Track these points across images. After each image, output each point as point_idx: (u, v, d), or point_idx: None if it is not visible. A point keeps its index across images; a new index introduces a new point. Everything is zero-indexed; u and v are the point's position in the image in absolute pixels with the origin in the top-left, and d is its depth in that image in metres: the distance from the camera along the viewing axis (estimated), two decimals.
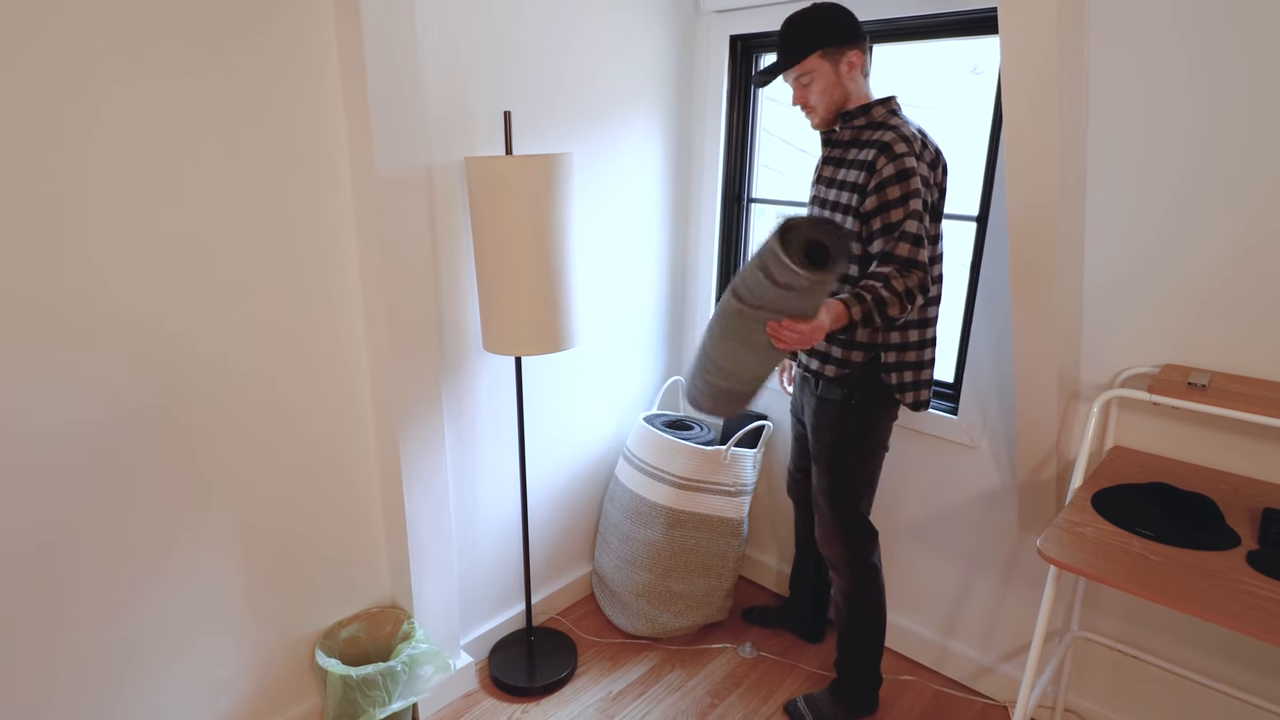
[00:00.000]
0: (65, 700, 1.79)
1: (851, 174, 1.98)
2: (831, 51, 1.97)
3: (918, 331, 2.08)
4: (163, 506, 1.84)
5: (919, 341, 2.09)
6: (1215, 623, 1.41)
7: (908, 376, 2.10)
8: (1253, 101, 1.72)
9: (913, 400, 2.11)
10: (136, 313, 1.71)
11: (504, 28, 2.20)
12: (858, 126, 2.02)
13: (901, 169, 1.87)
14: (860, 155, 1.97)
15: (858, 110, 2.01)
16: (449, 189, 2.18)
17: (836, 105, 2.03)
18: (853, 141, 2.02)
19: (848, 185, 1.99)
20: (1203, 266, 1.87)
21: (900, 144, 1.89)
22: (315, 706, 2.27)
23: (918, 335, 2.08)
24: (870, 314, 1.86)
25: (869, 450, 2.18)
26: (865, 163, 1.94)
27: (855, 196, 1.96)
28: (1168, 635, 2.12)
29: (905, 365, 2.09)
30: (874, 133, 1.97)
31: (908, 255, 1.88)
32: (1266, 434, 1.86)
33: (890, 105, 2.01)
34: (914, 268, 1.88)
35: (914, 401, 2.12)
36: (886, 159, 1.89)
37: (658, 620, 2.73)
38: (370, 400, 2.19)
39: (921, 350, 2.10)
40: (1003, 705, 2.49)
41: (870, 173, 1.92)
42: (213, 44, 1.70)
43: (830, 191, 2.06)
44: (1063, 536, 1.64)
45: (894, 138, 1.91)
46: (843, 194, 2.00)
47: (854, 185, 1.97)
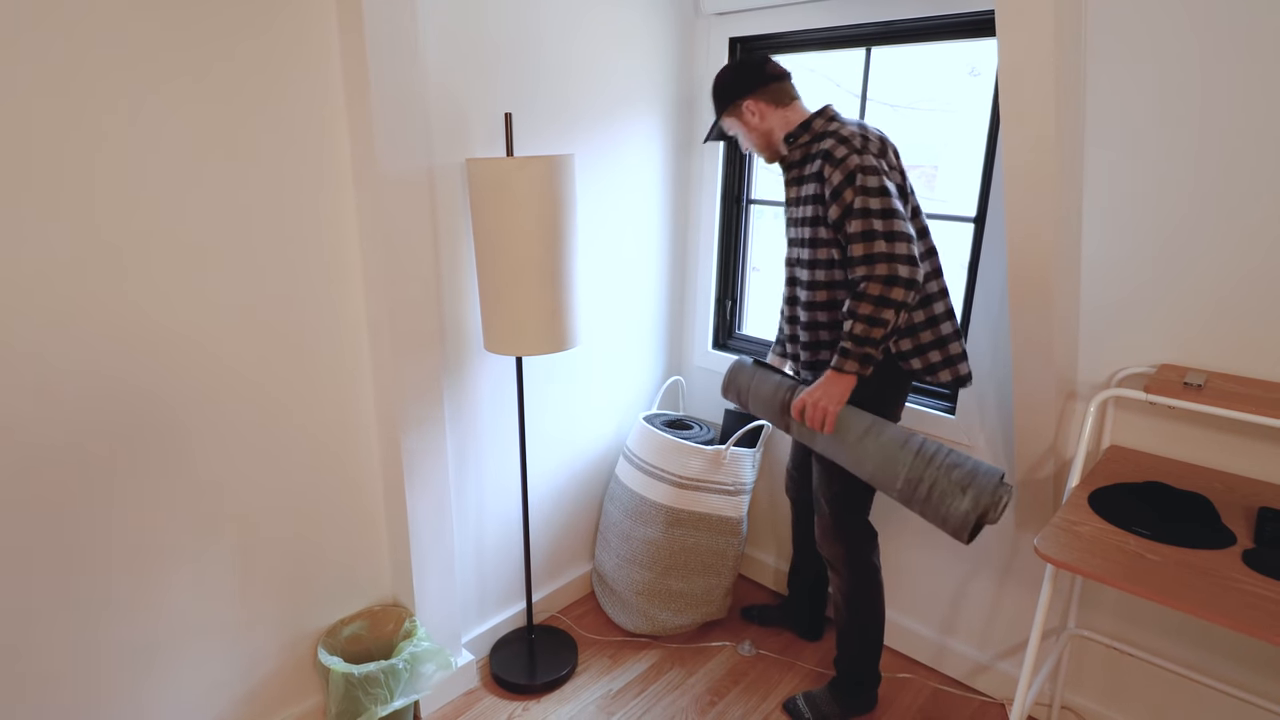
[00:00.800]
0: (68, 699, 1.79)
1: (808, 188, 2.07)
2: (730, 109, 2.18)
3: (923, 311, 2.08)
4: (166, 506, 1.85)
5: (927, 321, 2.08)
6: (1211, 621, 1.41)
7: (935, 357, 2.10)
8: (1252, 103, 1.73)
9: (951, 377, 2.11)
10: (138, 312, 1.71)
11: (505, 30, 2.21)
12: (803, 144, 2.12)
13: (847, 171, 1.94)
14: (811, 169, 2.06)
15: (798, 129, 2.11)
16: (450, 190, 2.19)
17: (764, 144, 2.19)
18: (804, 159, 2.11)
19: (808, 200, 2.07)
20: (1200, 268, 1.87)
21: (840, 147, 1.97)
22: (318, 704, 2.28)
23: (923, 315, 2.08)
24: (865, 353, 1.95)
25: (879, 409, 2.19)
26: (815, 174, 2.03)
27: (815, 208, 2.05)
28: (1164, 633, 2.13)
29: (926, 347, 2.09)
30: (818, 144, 2.06)
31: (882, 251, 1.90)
32: (1262, 433, 1.87)
33: (826, 114, 2.10)
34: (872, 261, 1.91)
35: (954, 379, 2.12)
36: (831, 166, 1.97)
37: (658, 618, 2.74)
38: (372, 400, 2.20)
39: (935, 327, 2.09)
40: (1000, 702, 2.50)
41: (821, 182, 2.01)
42: (217, 44, 1.70)
43: (796, 210, 2.14)
44: (1060, 535, 1.64)
45: (833, 143, 1.99)
46: (805, 209, 2.09)
47: (812, 197, 2.05)
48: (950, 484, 1.87)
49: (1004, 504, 1.87)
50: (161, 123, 1.66)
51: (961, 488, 1.86)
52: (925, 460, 1.92)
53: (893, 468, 1.94)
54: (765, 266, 3.06)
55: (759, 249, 3.01)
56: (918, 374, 2.12)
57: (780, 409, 2.15)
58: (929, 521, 1.96)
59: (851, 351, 1.95)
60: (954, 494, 1.86)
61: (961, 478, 1.87)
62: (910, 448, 1.94)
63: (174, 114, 1.68)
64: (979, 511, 1.84)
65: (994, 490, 1.85)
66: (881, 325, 1.91)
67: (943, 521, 1.89)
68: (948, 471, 1.89)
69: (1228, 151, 1.78)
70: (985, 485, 1.85)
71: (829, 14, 2.42)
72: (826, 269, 2.08)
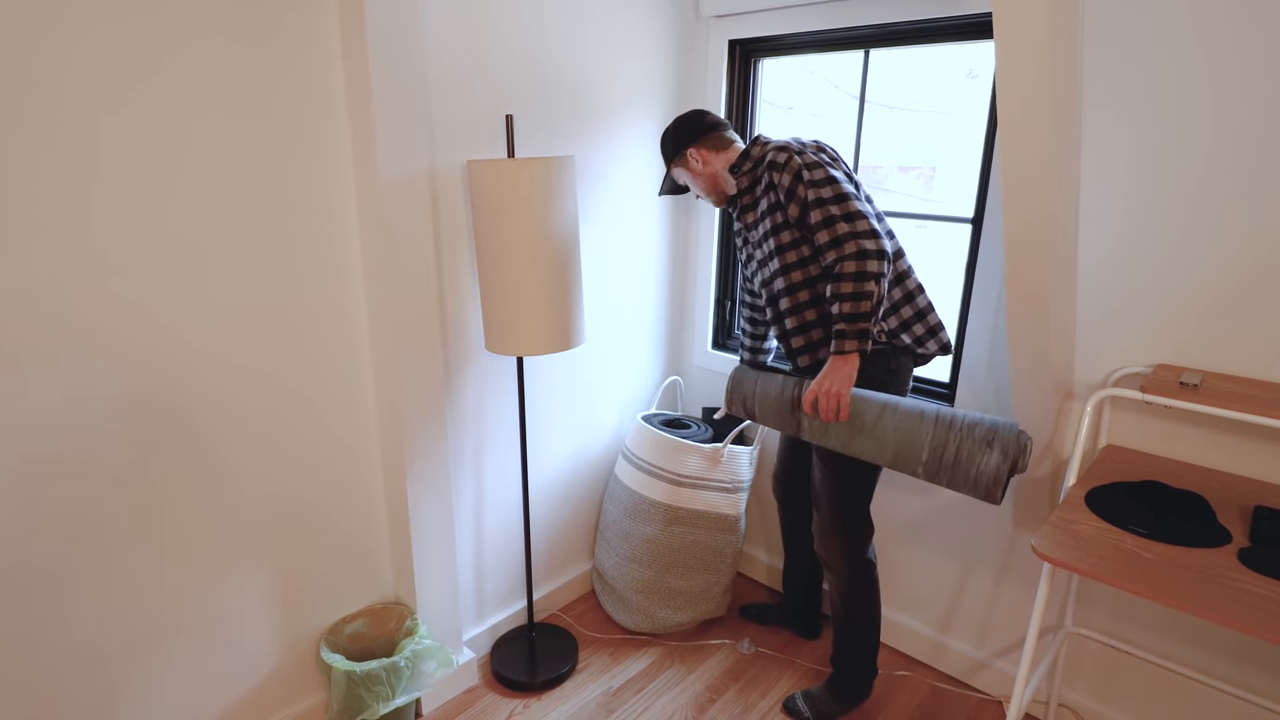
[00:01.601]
0: (71, 697, 1.80)
1: (764, 202, 2.16)
2: (677, 159, 2.32)
3: (899, 289, 2.15)
4: (168, 505, 1.86)
5: (904, 297, 2.15)
6: (1207, 619, 1.41)
7: (919, 329, 2.15)
8: (1249, 105, 1.74)
9: (938, 347, 2.17)
10: (141, 312, 1.72)
11: (507, 32, 2.21)
12: (747, 170, 2.23)
13: (794, 171, 2.05)
14: (761, 189, 2.18)
15: (739, 160, 2.24)
16: (451, 191, 2.20)
17: (711, 188, 2.31)
18: (751, 185, 2.23)
19: (765, 213, 2.16)
20: (1196, 269, 1.88)
21: (780, 153, 2.09)
22: (320, 702, 2.29)
23: (900, 291, 2.15)
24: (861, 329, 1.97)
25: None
26: (768, 185, 2.14)
27: (773, 217, 2.13)
28: (1160, 631, 2.14)
29: (909, 322, 2.15)
30: (759, 167, 2.19)
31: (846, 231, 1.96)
32: (1257, 433, 1.88)
33: (759, 141, 2.22)
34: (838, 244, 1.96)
35: (940, 347, 2.17)
36: (777, 171, 2.09)
37: (657, 616, 2.75)
38: (374, 399, 2.21)
39: (912, 301, 2.16)
40: (998, 700, 2.51)
41: (775, 190, 2.11)
42: (220, 47, 1.71)
43: (754, 232, 2.24)
44: (1057, 534, 1.65)
45: (774, 153, 2.11)
46: (765, 221, 2.17)
47: (770, 207, 2.14)
48: (975, 441, 1.89)
49: (1029, 451, 1.90)
50: (165, 124, 1.67)
51: (987, 442, 1.88)
52: (946, 425, 1.93)
53: (916, 440, 1.95)
54: None
55: None
56: (909, 350, 2.16)
57: (790, 406, 2.15)
58: (957, 489, 1.94)
59: (847, 331, 1.97)
60: (981, 451, 1.88)
61: (985, 434, 1.89)
62: (929, 417, 1.96)
63: (178, 117, 1.69)
64: (1009, 462, 1.85)
65: (1018, 438, 1.88)
66: (867, 298, 1.94)
67: (974, 483, 1.89)
68: (969, 430, 1.91)
69: (1225, 153, 1.79)
70: (1008, 436, 1.88)
71: (828, 16, 2.43)
72: (801, 268, 2.12)
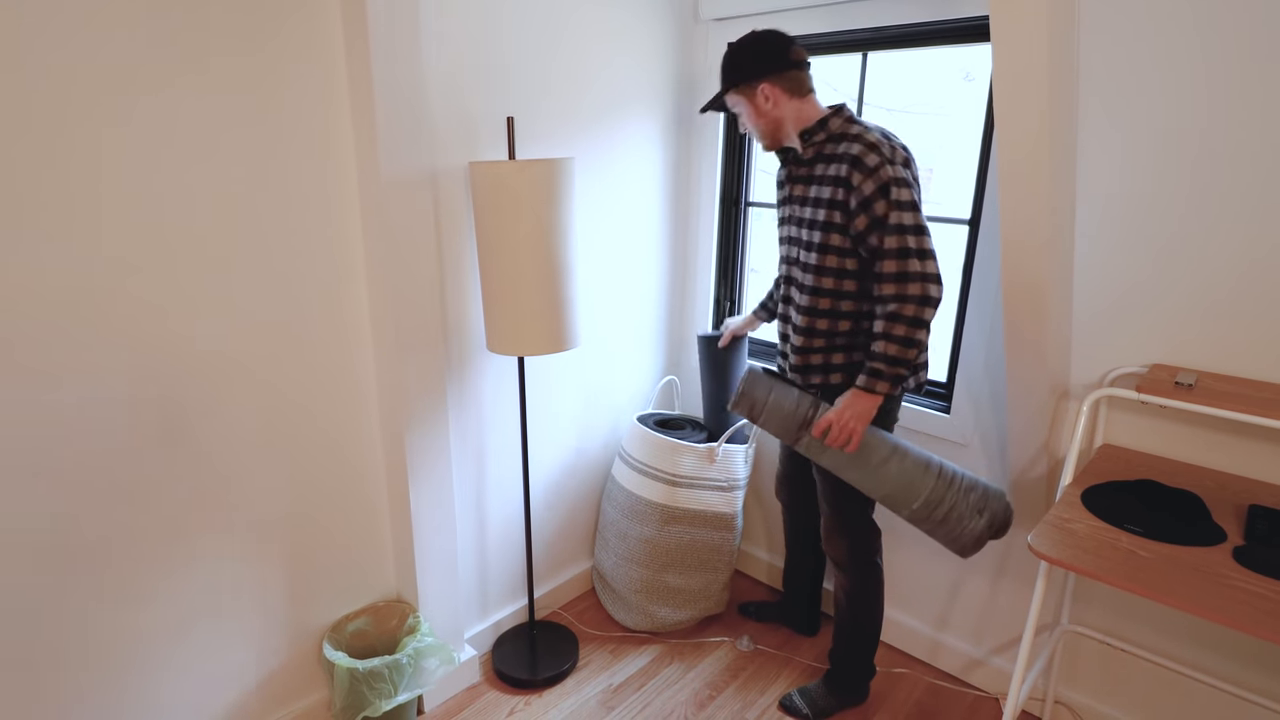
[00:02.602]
0: (75, 693, 1.81)
1: (825, 190, 1.97)
2: (743, 88, 2.03)
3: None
4: (173, 503, 1.87)
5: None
6: (1202, 617, 1.42)
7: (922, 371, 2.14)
8: (1246, 107, 1.75)
9: (915, 384, 2.13)
10: (147, 314, 1.73)
11: (508, 36, 2.22)
12: (818, 142, 2.02)
13: (881, 183, 1.86)
14: (830, 170, 1.96)
15: (815, 127, 2.02)
16: (453, 192, 2.21)
17: (769, 132, 2.07)
18: (818, 157, 2.02)
19: (823, 202, 1.98)
20: (1191, 270, 1.89)
21: (870, 154, 1.88)
22: (323, 699, 2.30)
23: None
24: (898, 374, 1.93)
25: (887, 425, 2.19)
26: (838, 178, 1.93)
27: (834, 213, 1.96)
28: (1156, 629, 2.15)
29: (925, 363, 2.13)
30: (837, 145, 1.97)
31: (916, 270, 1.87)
32: (1252, 432, 1.89)
33: (844, 114, 2.01)
34: (906, 280, 1.88)
35: (916, 385, 2.14)
36: (862, 174, 1.88)
37: (656, 615, 2.77)
38: (376, 399, 2.22)
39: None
40: (994, 697, 2.52)
41: (847, 189, 1.91)
42: (224, 50, 1.72)
43: (802, 209, 2.06)
44: (1053, 533, 1.66)
45: (862, 149, 1.90)
46: (819, 211, 2.00)
47: (830, 201, 1.96)
48: (969, 505, 1.95)
49: (1010, 524, 2.02)
50: (170, 125, 1.68)
51: (979, 509, 1.95)
52: (946, 483, 1.97)
53: (913, 490, 1.98)
54: (763, 268, 3.08)
55: (757, 251, 3.04)
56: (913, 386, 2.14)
57: (800, 424, 2.08)
58: (933, 536, 2.02)
59: (884, 373, 1.92)
60: (972, 516, 1.95)
61: (978, 500, 1.96)
62: (933, 471, 1.99)
63: (182, 118, 1.70)
64: (993, 531, 1.96)
65: (1005, 509, 1.97)
66: (915, 346, 1.90)
67: (954, 539, 1.97)
68: (965, 494, 1.96)
69: (1221, 155, 1.80)
70: (998, 508, 1.96)
71: (826, 20, 2.44)
72: (835, 278, 2.03)
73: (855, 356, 2.11)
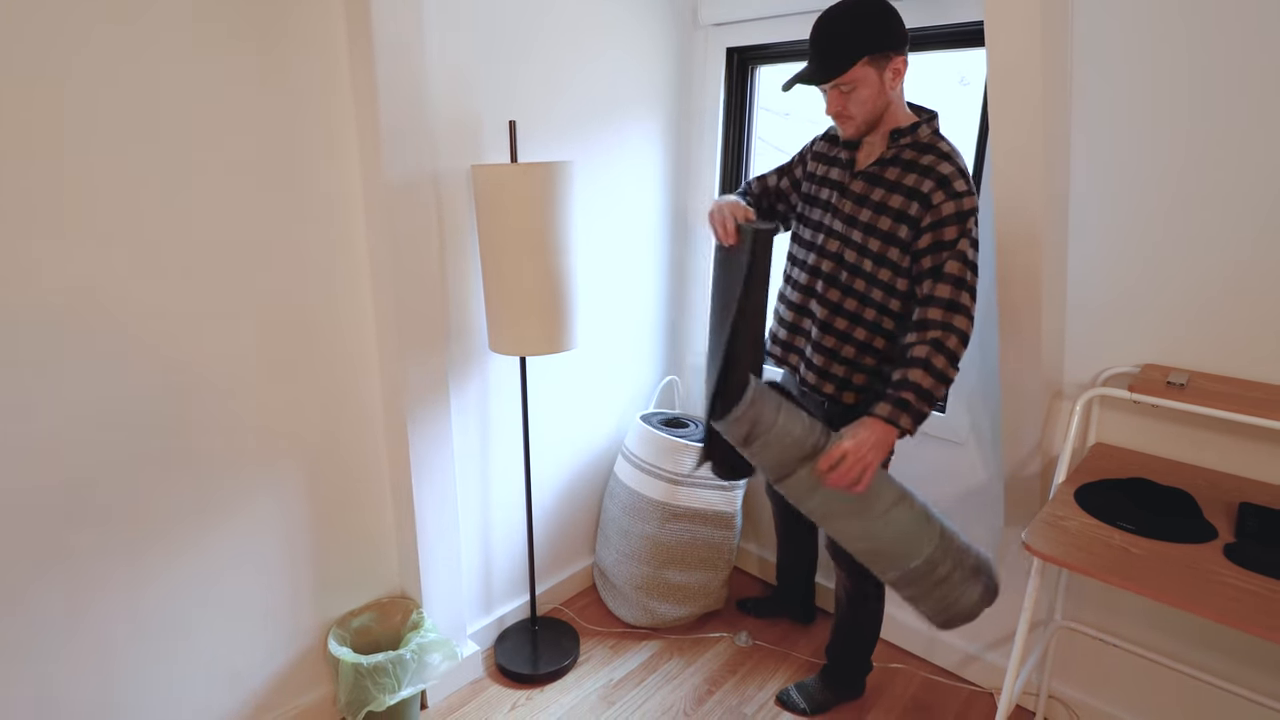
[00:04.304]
0: (80, 689, 1.82)
1: (896, 199, 1.83)
2: (878, 58, 1.75)
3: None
4: (179, 501, 1.88)
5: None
6: (1193, 612, 1.43)
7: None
8: (1237, 109, 1.76)
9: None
10: (152, 315, 1.75)
11: (509, 40, 2.24)
12: (902, 145, 1.85)
13: (960, 210, 1.75)
14: (909, 181, 1.82)
15: (909, 129, 1.85)
16: (455, 195, 2.22)
17: (879, 114, 1.83)
18: (896, 161, 1.86)
19: (889, 210, 1.84)
20: (1183, 271, 1.90)
21: (960, 180, 1.77)
22: (328, 693, 2.31)
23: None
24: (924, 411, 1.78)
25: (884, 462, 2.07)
26: (917, 191, 1.80)
27: (901, 226, 1.83)
28: (1147, 624, 2.16)
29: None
30: (924, 156, 1.81)
31: (966, 305, 1.77)
32: (1243, 431, 1.90)
33: (935, 125, 1.86)
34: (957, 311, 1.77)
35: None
36: (946, 195, 1.76)
37: (656, 611, 2.79)
38: (380, 398, 2.23)
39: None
40: (989, 692, 2.54)
41: (925, 206, 1.78)
42: (230, 52, 1.74)
43: (863, 211, 1.89)
44: (1047, 530, 1.67)
45: (953, 171, 1.77)
46: (883, 219, 1.86)
47: (899, 213, 1.83)
48: (966, 570, 1.74)
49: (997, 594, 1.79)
50: (176, 134, 1.70)
51: (975, 571, 1.74)
52: (948, 541, 1.74)
53: (915, 545, 1.73)
54: None
55: None
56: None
57: (804, 456, 1.78)
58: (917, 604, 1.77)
59: (911, 404, 1.76)
60: (968, 580, 1.74)
61: (974, 563, 1.75)
62: (934, 525, 1.76)
63: (189, 120, 1.71)
64: (985, 601, 1.75)
65: (995, 579, 1.77)
66: (948, 382, 1.78)
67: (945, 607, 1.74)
68: (963, 556, 1.75)
69: (1213, 156, 1.81)
70: (990, 574, 1.76)
71: None
72: (885, 292, 1.91)
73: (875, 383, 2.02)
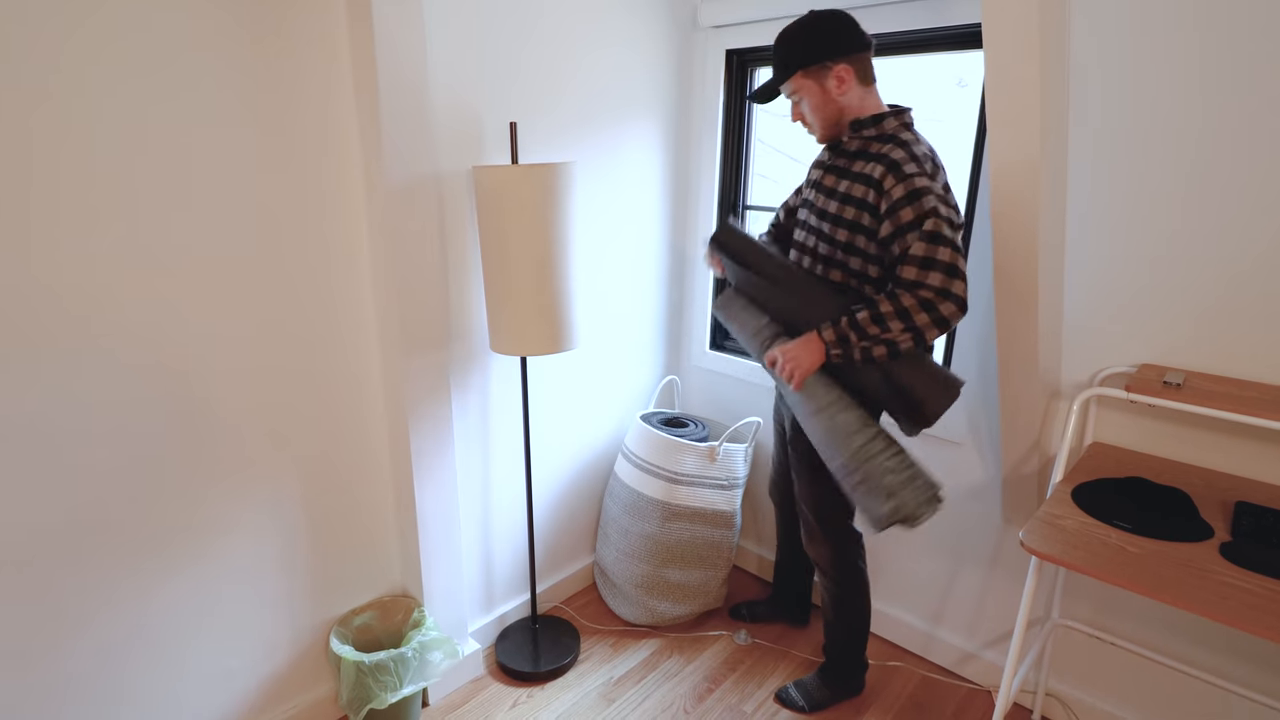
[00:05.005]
0: (83, 686, 1.83)
1: (857, 189, 1.86)
2: (814, 70, 1.86)
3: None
4: (183, 501, 1.89)
5: None
6: (1190, 611, 1.43)
7: None
8: (1235, 110, 1.77)
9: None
10: (155, 312, 1.76)
11: (510, 43, 2.25)
12: (866, 137, 1.89)
13: (912, 190, 1.75)
14: (866, 169, 1.85)
15: (869, 120, 1.89)
16: (457, 196, 2.23)
17: (833, 120, 1.92)
18: (860, 152, 1.90)
19: (852, 200, 1.88)
20: (1179, 273, 1.91)
21: (910, 163, 1.78)
22: (330, 691, 2.32)
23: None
24: (845, 336, 1.82)
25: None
26: (870, 179, 1.83)
27: (863, 214, 1.86)
28: (1144, 623, 2.17)
29: None
30: (883, 145, 1.84)
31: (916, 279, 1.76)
32: (1239, 430, 1.91)
33: (904, 119, 1.89)
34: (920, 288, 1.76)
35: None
36: (895, 179, 1.77)
37: (656, 609, 2.80)
38: (382, 398, 2.24)
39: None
40: (987, 690, 2.55)
41: (879, 192, 1.81)
42: (231, 54, 1.75)
43: (830, 203, 1.94)
44: (1044, 529, 1.67)
45: (904, 156, 1.79)
46: (846, 209, 1.90)
47: (859, 201, 1.86)
48: (879, 486, 1.85)
49: (925, 518, 1.85)
50: (181, 136, 1.71)
51: (889, 493, 1.84)
52: (868, 455, 1.87)
53: (836, 447, 1.92)
54: None
55: None
56: None
57: (758, 348, 2.09)
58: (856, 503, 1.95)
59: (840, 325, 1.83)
60: (879, 495, 1.85)
61: (893, 484, 1.84)
62: (859, 437, 1.89)
63: (192, 130, 1.72)
64: (896, 518, 1.83)
65: (918, 505, 1.83)
66: (886, 329, 1.78)
67: (862, 510, 1.90)
68: (883, 474, 1.85)
69: (1210, 157, 1.81)
70: (910, 498, 1.83)
71: None
72: (860, 279, 1.95)
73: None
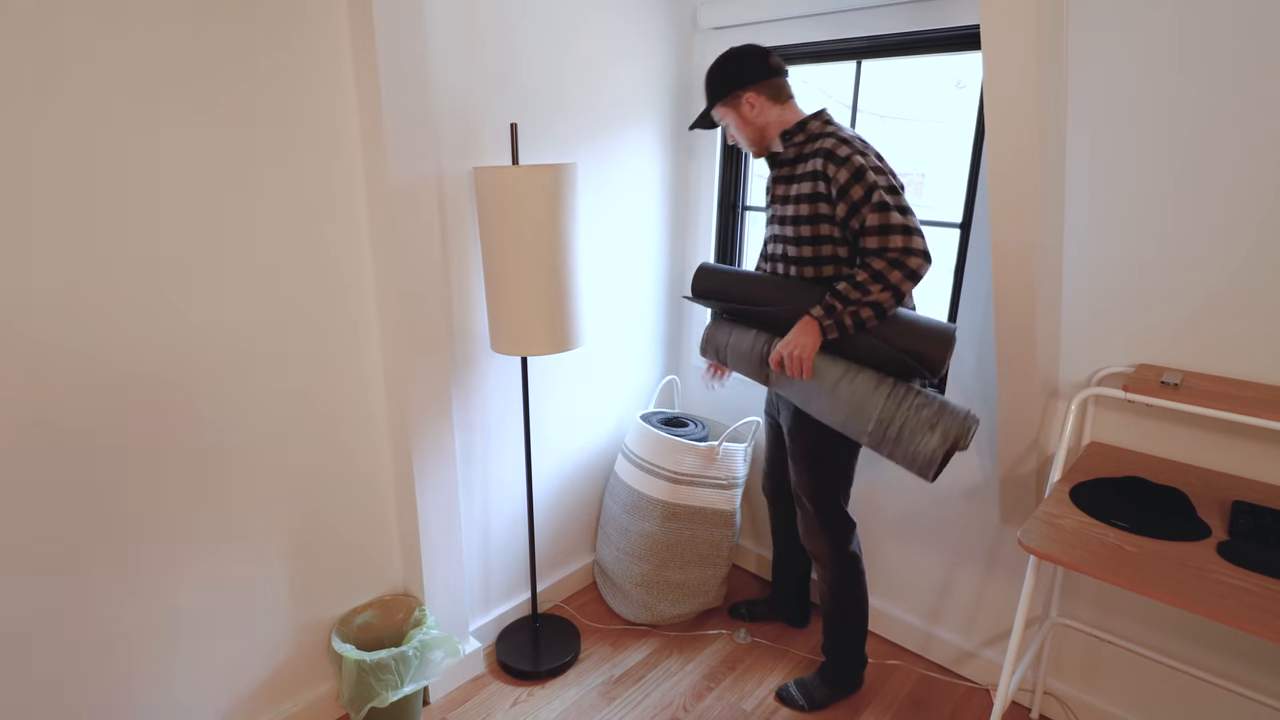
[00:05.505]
0: (86, 684, 1.84)
1: (805, 186, 2.06)
2: (729, 99, 2.13)
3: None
4: (186, 500, 1.90)
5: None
6: (1187, 610, 1.43)
7: None
8: (1232, 112, 1.77)
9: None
10: (158, 313, 1.76)
11: (511, 44, 2.25)
12: (798, 143, 2.12)
13: (854, 168, 1.95)
14: (808, 167, 2.06)
15: (795, 128, 2.12)
16: (458, 197, 2.24)
17: (757, 139, 2.17)
18: (798, 158, 2.12)
19: (803, 198, 2.07)
20: (1177, 273, 1.92)
21: (842, 147, 1.98)
22: (331, 690, 2.33)
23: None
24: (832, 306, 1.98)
25: (847, 445, 2.23)
26: (814, 172, 2.03)
27: (818, 205, 2.04)
28: (1142, 621, 2.18)
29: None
30: (814, 144, 2.06)
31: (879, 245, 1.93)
32: (1236, 430, 1.92)
33: (823, 117, 2.11)
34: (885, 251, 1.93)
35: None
36: (835, 165, 1.97)
37: (656, 608, 2.81)
38: (383, 398, 2.25)
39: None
40: (985, 688, 2.56)
41: (826, 181, 2.00)
42: (232, 52, 1.76)
43: (786, 208, 2.14)
44: (1042, 528, 1.68)
45: (835, 143, 2.00)
46: (800, 207, 2.08)
47: (809, 196, 2.05)
48: (920, 422, 1.94)
49: (971, 434, 1.93)
50: (184, 137, 1.72)
51: (930, 425, 1.93)
52: (896, 402, 1.97)
53: (865, 410, 1.99)
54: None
55: (754, 253, 3.06)
56: None
57: (759, 360, 2.19)
58: (898, 463, 2.02)
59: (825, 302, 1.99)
60: (923, 432, 1.93)
61: (930, 416, 1.94)
62: (882, 391, 1.99)
63: (196, 131, 1.73)
64: (947, 446, 1.91)
65: (962, 422, 1.93)
66: (869, 307, 1.95)
67: (911, 460, 1.96)
68: (916, 411, 1.95)
69: (1208, 158, 1.82)
70: (952, 422, 1.93)
71: (821, 29, 2.47)
72: (835, 265, 2.10)
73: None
